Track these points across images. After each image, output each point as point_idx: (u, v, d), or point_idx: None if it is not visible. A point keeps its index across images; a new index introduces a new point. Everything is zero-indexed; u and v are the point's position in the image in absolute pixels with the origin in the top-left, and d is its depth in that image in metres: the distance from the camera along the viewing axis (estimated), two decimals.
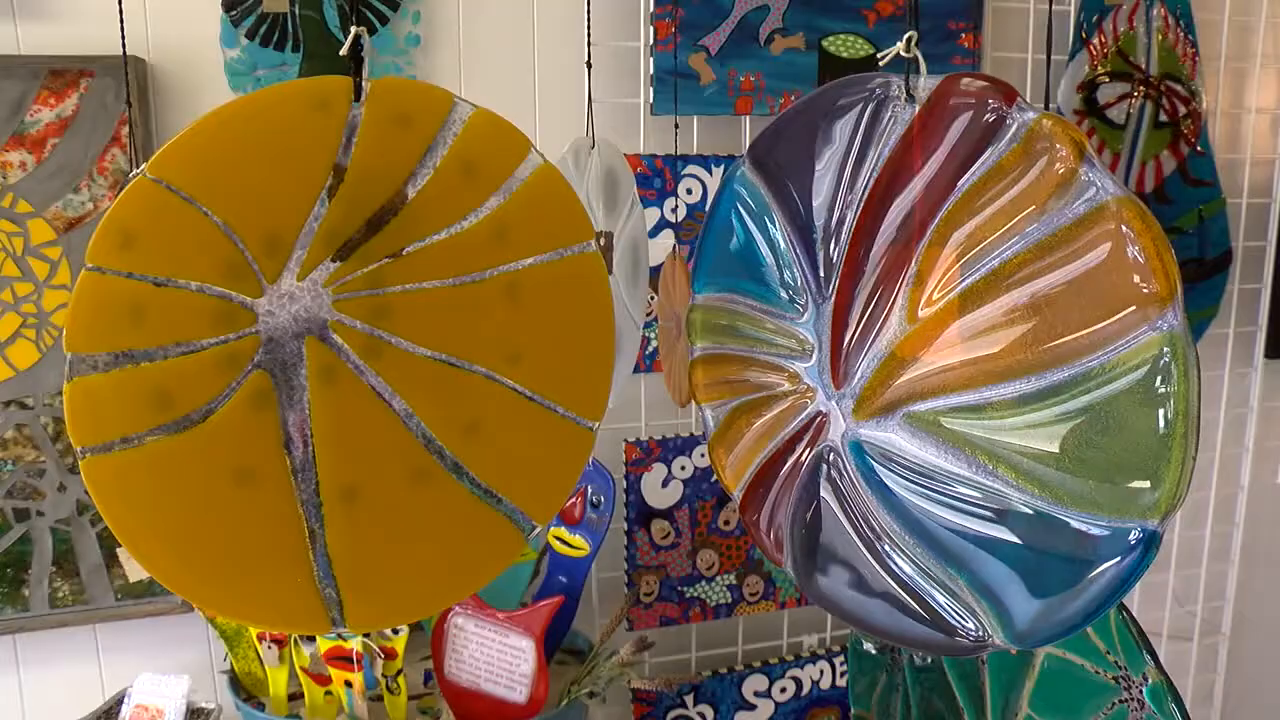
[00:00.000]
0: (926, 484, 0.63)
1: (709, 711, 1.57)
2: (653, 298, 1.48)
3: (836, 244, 0.67)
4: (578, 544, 1.38)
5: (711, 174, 1.52)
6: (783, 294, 0.71)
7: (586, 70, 1.10)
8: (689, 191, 1.50)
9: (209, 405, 0.62)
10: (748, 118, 1.56)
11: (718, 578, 1.57)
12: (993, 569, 0.61)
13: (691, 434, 1.53)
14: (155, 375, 0.61)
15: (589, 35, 1.10)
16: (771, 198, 0.70)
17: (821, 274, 0.68)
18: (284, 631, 1.30)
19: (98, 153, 1.43)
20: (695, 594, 1.57)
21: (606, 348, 0.79)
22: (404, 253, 0.71)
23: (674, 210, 1.50)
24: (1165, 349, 0.54)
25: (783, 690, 1.62)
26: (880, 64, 0.66)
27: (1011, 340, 0.59)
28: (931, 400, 0.63)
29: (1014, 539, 0.60)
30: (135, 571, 1.49)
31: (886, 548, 0.65)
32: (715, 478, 1.54)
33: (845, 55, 1.58)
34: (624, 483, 1.50)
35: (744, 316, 0.73)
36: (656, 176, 1.49)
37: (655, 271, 1.46)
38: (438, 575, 0.75)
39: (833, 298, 0.67)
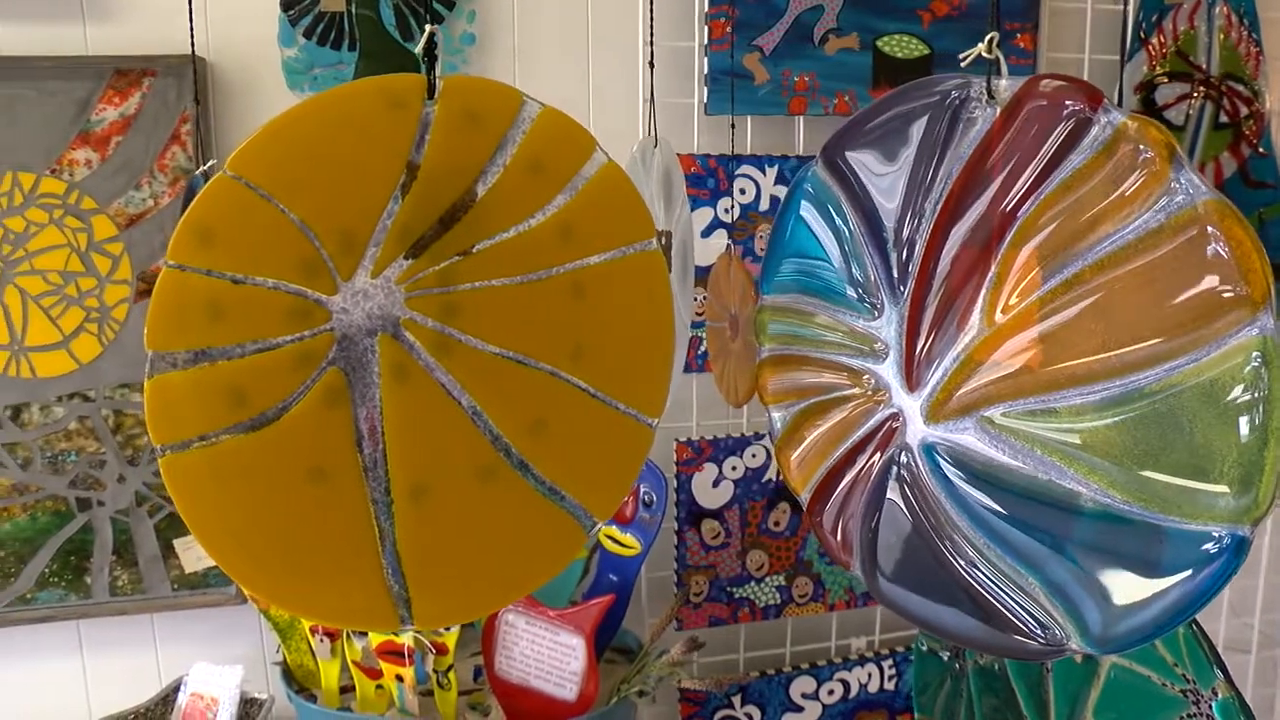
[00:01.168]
0: (1001, 486, 0.62)
1: (756, 712, 1.57)
2: (703, 298, 1.47)
3: (912, 245, 0.67)
4: (629, 543, 1.38)
5: (765, 174, 1.51)
6: (855, 295, 0.70)
7: (649, 70, 1.10)
8: (742, 192, 1.50)
9: (284, 403, 0.62)
10: (801, 118, 1.55)
11: (767, 579, 1.57)
12: (1068, 572, 0.60)
13: (742, 434, 1.53)
14: (232, 373, 0.61)
15: (651, 35, 1.10)
16: (844, 198, 0.69)
17: (895, 275, 0.68)
18: (354, 629, 1.30)
19: (158, 150, 1.45)
20: (744, 594, 1.56)
21: (667, 345, 0.80)
22: (473, 250, 0.71)
23: (727, 211, 1.49)
24: (1257, 353, 0.53)
25: (830, 693, 1.61)
26: (962, 64, 0.66)
27: (1094, 344, 0.58)
28: (1008, 403, 0.62)
29: (1092, 541, 0.59)
30: (191, 563, 1.51)
31: (959, 550, 0.65)
32: (766, 478, 1.53)
33: (900, 56, 1.57)
34: (674, 482, 1.50)
35: (814, 318, 0.73)
36: (710, 176, 1.48)
37: (704, 272, 1.46)
38: (502, 572, 0.75)
39: (908, 299, 0.66)
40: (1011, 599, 0.62)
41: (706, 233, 1.48)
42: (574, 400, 0.75)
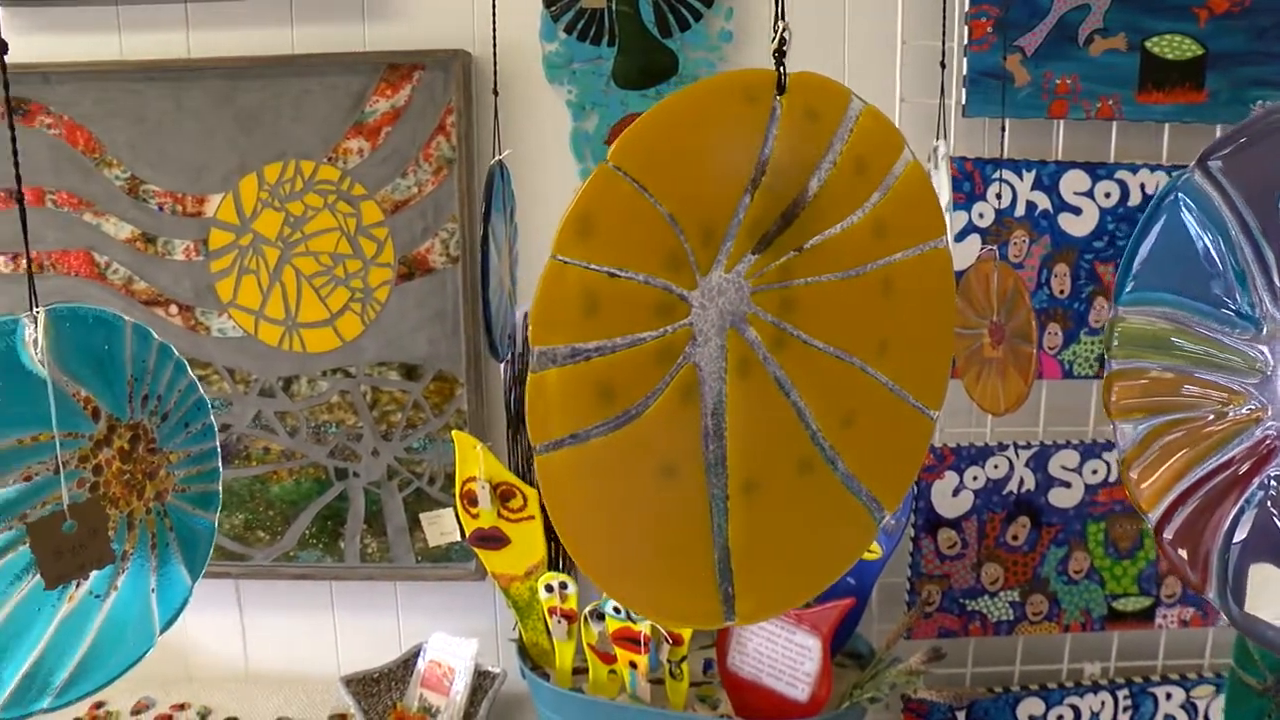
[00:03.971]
0: None
1: None
2: None
3: None
4: (871, 548, 1.36)
5: (1022, 179, 1.47)
6: (1234, 311, 0.67)
7: (941, 70, 1.08)
8: (998, 196, 1.45)
9: (645, 400, 0.62)
10: (1061, 122, 1.49)
11: (1001, 593, 1.52)
12: None
13: (985, 444, 1.49)
14: (603, 369, 0.61)
15: (943, 33, 1.08)
16: (1226, 209, 0.66)
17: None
18: (683, 627, 1.31)
19: (424, 140, 1.52)
20: (976, 608, 1.52)
21: (950, 340, 0.80)
22: (805, 247, 0.71)
23: (981, 215, 1.45)
24: None
25: (1059, 718, 1.55)
26: None
27: None
28: None
29: None
30: (434, 537, 1.58)
31: None
32: (1007, 490, 1.49)
33: (1170, 57, 1.49)
34: (914, 489, 1.47)
35: (1181, 332, 0.70)
36: (965, 180, 1.45)
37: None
38: (810, 565, 0.76)
39: None
40: None
41: (960, 237, 1.45)
42: (876, 394, 0.75)
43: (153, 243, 1.55)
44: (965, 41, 1.44)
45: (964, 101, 1.45)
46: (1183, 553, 0.68)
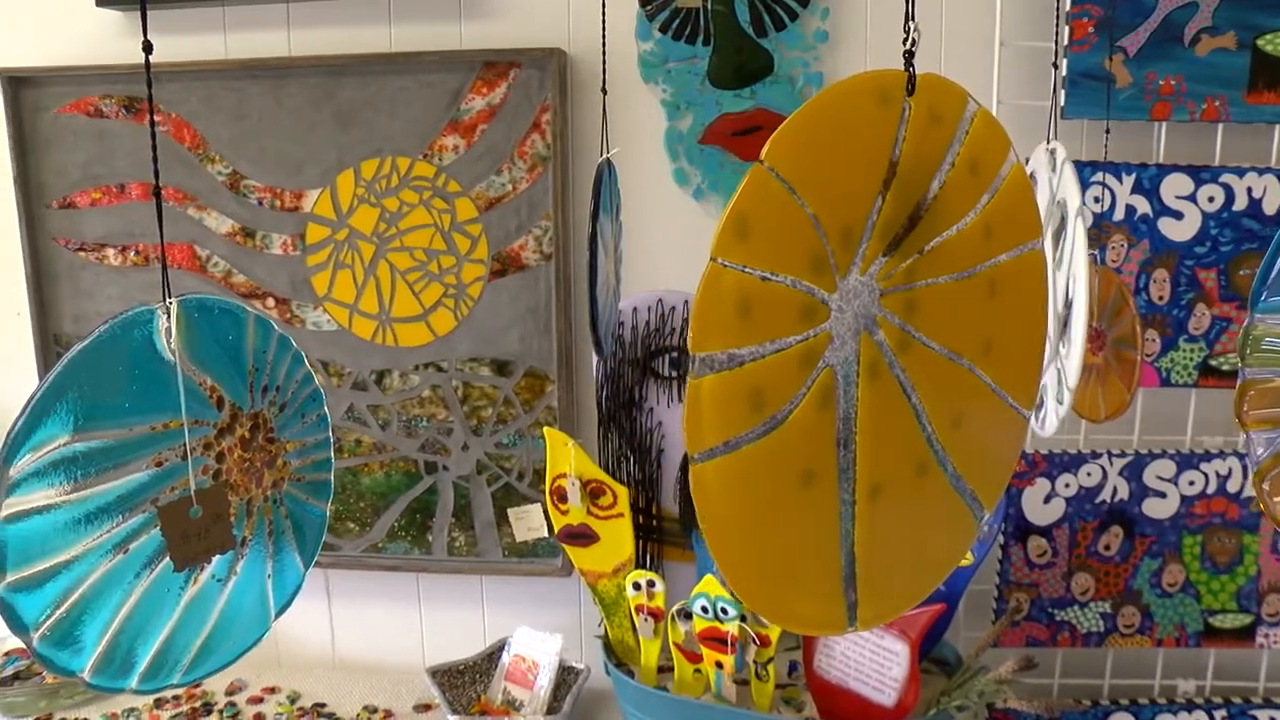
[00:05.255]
0: None
1: None
2: None
3: None
4: None
5: (1121, 182, 1.44)
6: None
7: (1053, 71, 1.07)
8: (1096, 200, 1.43)
9: (789, 405, 0.62)
10: (1163, 124, 1.46)
11: (1091, 604, 1.49)
12: None
13: (1079, 451, 1.46)
14: (754, 375, 0.60)
15: (1056, 32, 1.06)
16: None
17: None
18: (805, 633, 1.29)
19: (519, 138, 1.53)
20: (1065, 618, 1.50)
21: (1042, 340, 0.79)
22: (926, 249, 0.71)
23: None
24: None
25: None
26: None
27: None
28: None
29: None
30: (521, 533, 1.60)
31: None
32: (1100, 499, 1.46)
33: None
34: (1005, 495, 1.45)
35: None
36: None
37: None
38: (922, 569, 0.76)
39: None
40: None
41: None
42: (981, 395, 0.75)
43: (251, 237, 1.58)
44: (1066, 42, 1.42)
45: (1063, 103, 1.42)
46: None
